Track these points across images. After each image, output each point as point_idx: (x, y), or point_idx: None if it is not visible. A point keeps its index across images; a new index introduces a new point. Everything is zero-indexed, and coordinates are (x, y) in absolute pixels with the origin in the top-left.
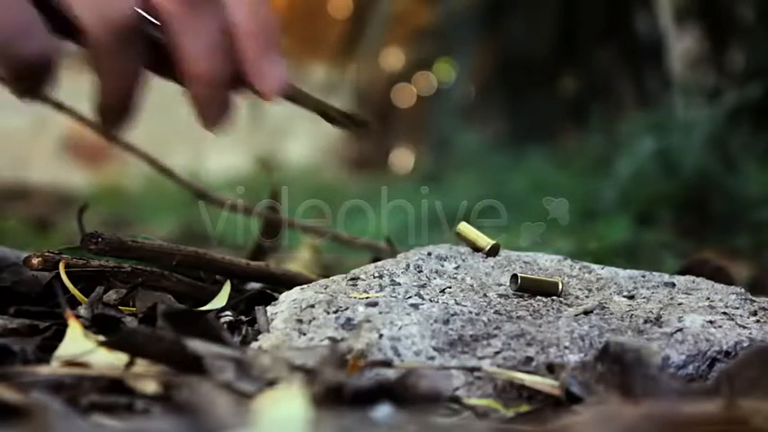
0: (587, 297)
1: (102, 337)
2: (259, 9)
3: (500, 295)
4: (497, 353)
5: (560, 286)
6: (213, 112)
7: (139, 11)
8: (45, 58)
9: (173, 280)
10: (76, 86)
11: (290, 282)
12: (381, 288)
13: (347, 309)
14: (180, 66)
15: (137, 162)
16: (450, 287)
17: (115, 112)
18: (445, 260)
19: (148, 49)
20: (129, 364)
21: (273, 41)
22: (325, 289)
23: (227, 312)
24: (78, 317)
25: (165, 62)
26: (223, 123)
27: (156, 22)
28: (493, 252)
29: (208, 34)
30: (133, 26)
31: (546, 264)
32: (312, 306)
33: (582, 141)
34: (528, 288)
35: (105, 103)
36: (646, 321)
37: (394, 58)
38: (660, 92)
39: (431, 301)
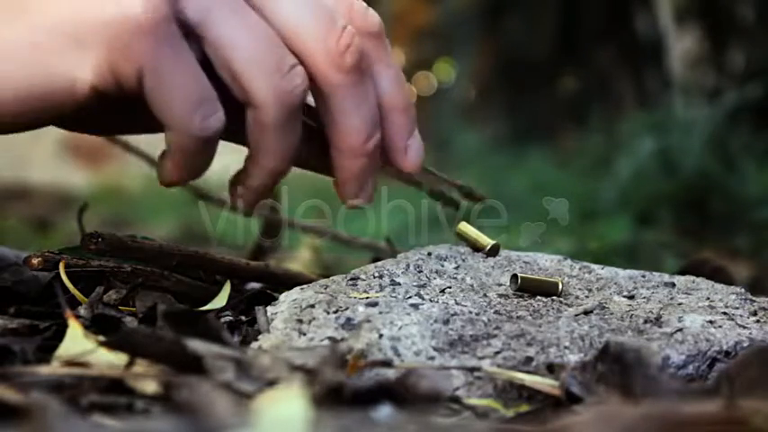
0: (587, 297)
1: (102, 337)
2: (403, 82)
3: (500, 295)
4: (497, 353)
5: (560, 286)
6: (362, 187)
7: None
8: (217, 135)
9: (173, 280)
10: None
11: (290, 282)
12: (381, 288)
13: (347, 309)
14: (337, 139)
15: (137, 162)
16: (450, 287)
17: (261, 192)
18: (445, 260)
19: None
20: (129, 364)
21: (414, 116)
22: (326, 289)
23: (227, 312)
24: (78, 317)
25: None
26: (368, 198)
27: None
28: (493, 252)
29: (369, 107)
30: (303, 102)
31: (546, 264)
32: (312, 306)
33: (582, 141)
34: (528, 288)
35: (261, 183)
36: (646, 321)
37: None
38: (660, 92)
39: (431, 301)
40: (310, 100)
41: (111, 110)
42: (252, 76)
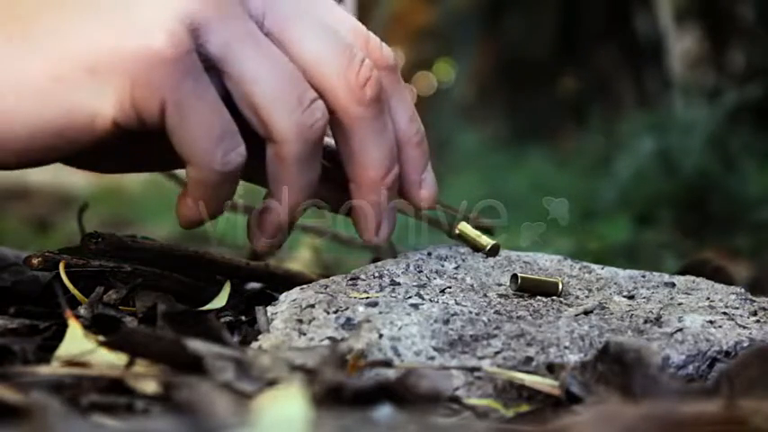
0: (587, 297)
1: (102, 337)
2: (416, 117)
3: (500, 295)
4: (497, 353)
5: (560, 286)
6: (381, 223)
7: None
8: (239, 170)
9: (173, 280)
10: None
11: (290, 282)
12: (381, 288)
13: (347, 309)
14: (357, 174)
15: None
16: (450, 287)
17: (281, 229)
18: (445, 260)
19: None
20: (129, 364)
21: (427, 150)
22: (326, 289)
23: (227, 312)
24: (78, 317)
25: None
26: (387, 234)
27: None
28: (493, 252)
29: (388, 140)
30: (323, 136)
31: (546, 264)
32: (312, 306)
33: (582, 141)
34: (528, 288)
35: (281, 220)
36: (646, 321)
37: None
38: (660, 92)
39: (431, 301)
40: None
41: (127, 146)
42: (273, 110)
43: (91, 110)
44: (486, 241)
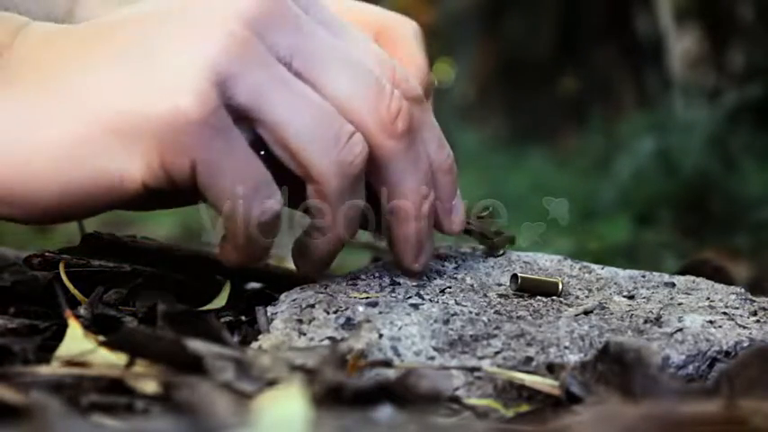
0: (587, 297)
1: (102, 337)
2: (445, 144)
3: (500, 295)
4: (497, 353)
5: (560, 286)
6: (421, 251)
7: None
8: (277, 217)
9: (173, 280)
10: None
11: (290, 282)
12: (381, 288)
13: (347, 309)
14: (393, 204)
15: None
16: (450, 287)
17: (327, 260)
18: (445, 260)
19: None
20: (129, 364)
21: (456, 176)
22: (326, 289)
23: (227, 312)
24: (78, 317)
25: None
26: (426, 262)
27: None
28: (502, 244)
29: (423, 169)
30: (364, 168)
31: (546, 264)
32: (312, 306)
33: (582, 141)
34: (528, 288)
35: (326, 253)
36: (646, 321)
37: None
38: (660, 92)
39: (431, 301)
40: None
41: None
42: (310, 152)
43: (118, 173)
44: (496, 238)
